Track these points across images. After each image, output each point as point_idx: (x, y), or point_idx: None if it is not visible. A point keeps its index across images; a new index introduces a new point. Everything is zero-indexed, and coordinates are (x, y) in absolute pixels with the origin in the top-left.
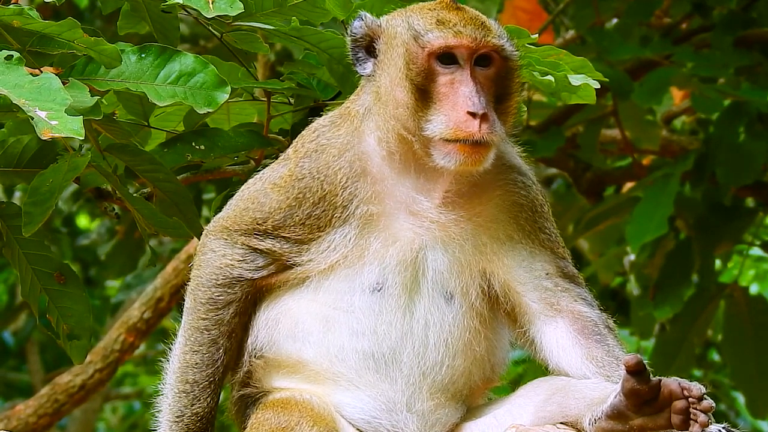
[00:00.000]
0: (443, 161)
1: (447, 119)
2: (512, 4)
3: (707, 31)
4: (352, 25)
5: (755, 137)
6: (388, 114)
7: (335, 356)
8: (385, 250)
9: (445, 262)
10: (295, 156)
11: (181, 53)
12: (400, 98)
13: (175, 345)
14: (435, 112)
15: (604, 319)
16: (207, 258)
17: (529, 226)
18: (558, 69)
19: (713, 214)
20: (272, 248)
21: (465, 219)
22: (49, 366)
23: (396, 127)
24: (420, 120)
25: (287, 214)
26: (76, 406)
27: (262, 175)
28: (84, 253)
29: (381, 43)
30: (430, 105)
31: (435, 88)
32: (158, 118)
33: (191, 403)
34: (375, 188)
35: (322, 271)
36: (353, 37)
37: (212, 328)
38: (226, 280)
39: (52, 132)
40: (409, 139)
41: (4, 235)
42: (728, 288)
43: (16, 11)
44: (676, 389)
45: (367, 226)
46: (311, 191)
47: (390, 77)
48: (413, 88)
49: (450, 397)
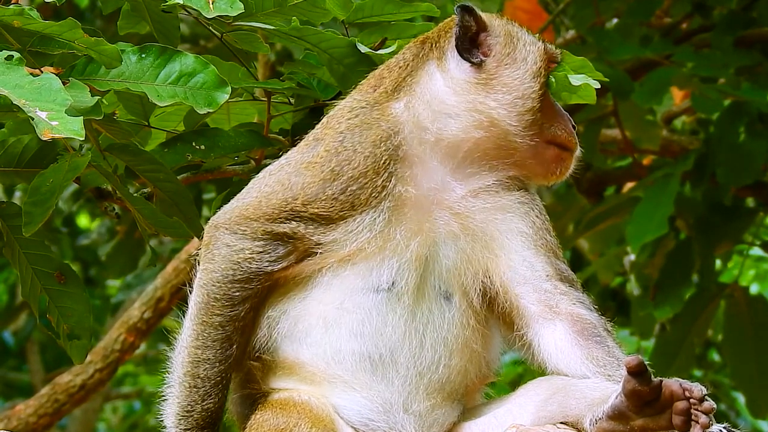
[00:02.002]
0: (546, 166)
1: (564, 127)
2: (512, 4)
3: (707, 31)
4: (460, 11)
5: (755, 137)
6: (497, 103)
7: (332, 358)
8: (405, 244)
9: (453, 258)
10: (331, 132)
11: (182, 53)
12: (527, 91)
13: (183, 337)
14: (552, 119)
15: (602, 322)
16: (221, 253)
17: (538, 224)
18: (558, 69)
19: (713, 214)
20: (296, 230)
21: (482, 212)
22: (49, 366)
23: (501, 117)
24: (539, 121)
25: (320, 189)
26: (77, 405)
27: (288, 160)
28: (84, 253)
29: (494, 37)
30: (544, 111)
31: (545, 98)
32: (158, 118)
33: (202, 399)
34: (412, 171)
35: (339, 262)
36: (466, 24)
37: (227, 324)
38: (243, 276)
39: (53, 132)
40: (509, 130)
41: (4, 235)
42: (728, 288)
43: (17, 11)
44: (677, 390)
45: (396, 212)
46: (350, 165)
47: (516, 71)
48: (540, 89)
49: (447, 396)
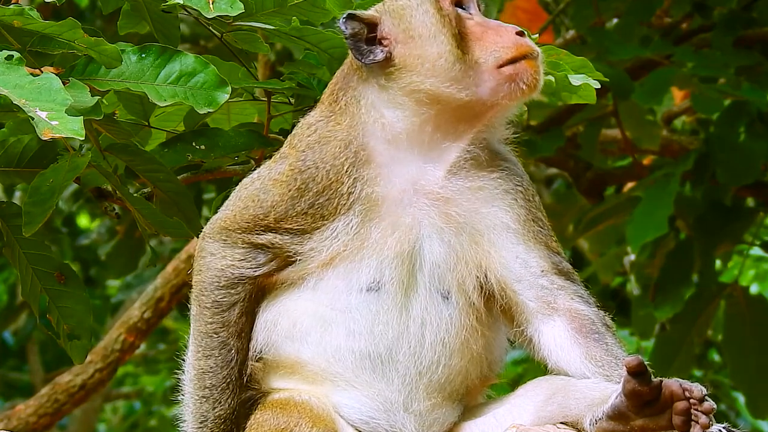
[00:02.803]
0: (507, 87)
1: (503, 42)
2: (512, 4)
3: (708, 30)
4: (341, 25)
5: (756, 137)
6: (421, 78)
7: (332, 356)
8: (383, 241)
9: (441, 253)
10: (293, 151)
11: (182, 53)
12: (439, 51)
13: (188, 354)
14: (483, 46)
15: (601, 317)
16: (207, 261)
17: (524, 215)
18: (558, 69)
19: (713, 214)
20: (273, 241)
21: (466, 193)
22: (49, 366)
23: (433, 86)
24: (468, 59)
25: (289, 206)
26: (77, 405)
27: (258, 174)
28: (84, 253)
29: (387, 25)
30: (472, 45)
31: (468, 30)
32: (158, 118)
33: (212, 407)
34: (380, 171)
35: (321, 267)
36: (351, 32)
37: (221, 330)
38: (228, 281)
39: (53, 132)
40: (449, 92)
41: (4, 235)
42: (728, 288)
43: (17, 11)
44: (677, 390)
45: (369, 213)
46: (315, 181)
47: (417, 41)
48: (450, 34)
49: (447, 396)
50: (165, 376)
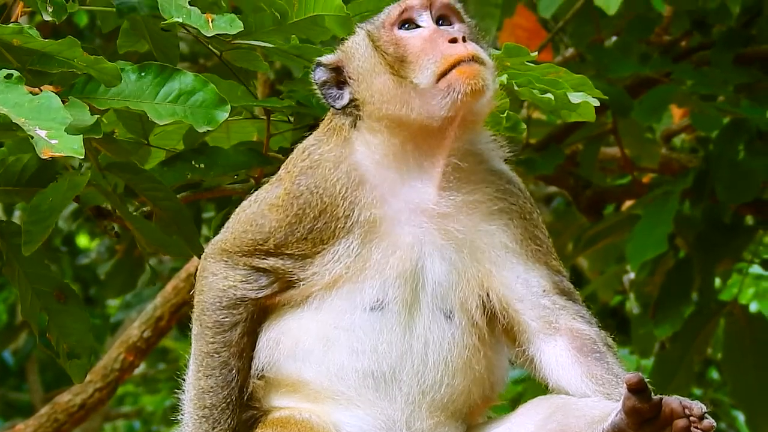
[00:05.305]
0: (447, 100)
1: (432, 57)
2: (511, 22)
3: (707, 48)
4: (313, 75)
5: (755, 155)
6: (378, 107)
7: (335, 375)
8: (385, 261)
9: (443, 271)
10: (288, 176)
11: (181, 72)
12: (384, 80)
13: (188, 374)
14: (419, 65)
15: (602, 337)
16: (209, 282)
17: (521, 234)
18: (557, 87)
19: (713, 232)
20: (275, 266)
21: (463, 207)
22: (49, 385)
23: (390, 112)
24: (407, 83)
25: (288, 232)
26: (76, 425)
27: (257, 197)
28: (84, 272)
29: (348, 66)
30: (410, 65)
31: (408, 51)
32: (158, 137)
33: (212, 427)
34: (375, 193)
35: (324, 288)
36: (320, 82)
37: (222, 350)
38: (229, 302)
39: (53, 151)
40: (404, 115)
41: (4, 254)
42: (728, 306)
43: (16, 30)
44: (677, 408)
45: (369, 234)
46: (311, 206)
47: (366, 76)
48: (388, 62)
49: (450, 415)
50: (165, 396)
